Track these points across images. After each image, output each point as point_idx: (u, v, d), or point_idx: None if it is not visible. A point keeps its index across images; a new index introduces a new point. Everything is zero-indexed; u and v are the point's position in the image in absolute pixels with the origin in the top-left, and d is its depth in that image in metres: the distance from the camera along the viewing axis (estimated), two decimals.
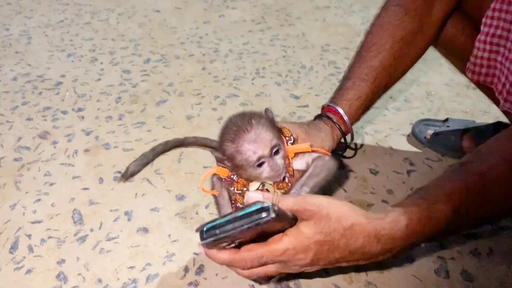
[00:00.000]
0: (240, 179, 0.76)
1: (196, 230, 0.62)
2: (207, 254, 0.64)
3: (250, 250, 0.61)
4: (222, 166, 0.75)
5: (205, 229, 0.60)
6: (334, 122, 0.95)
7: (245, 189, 0.78)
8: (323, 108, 0.99)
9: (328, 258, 0.62)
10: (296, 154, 0.77)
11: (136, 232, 0.99)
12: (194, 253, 0.93)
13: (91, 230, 0.99)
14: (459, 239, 0.95)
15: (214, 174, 0.79)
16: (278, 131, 0.75)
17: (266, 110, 0.75)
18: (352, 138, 1.00)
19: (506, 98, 0.91)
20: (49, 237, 0.97)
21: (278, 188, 0.76)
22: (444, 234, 0.67)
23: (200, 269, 0.90)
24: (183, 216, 1.02)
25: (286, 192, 0.75)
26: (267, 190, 0.77)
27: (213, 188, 0.80)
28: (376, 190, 1.09)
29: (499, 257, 0.92)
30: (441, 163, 1.18)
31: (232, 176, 0.76)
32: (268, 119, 0.73)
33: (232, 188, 0.78)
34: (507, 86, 0.90)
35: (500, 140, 0.73)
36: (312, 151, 0.77)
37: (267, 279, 0.82)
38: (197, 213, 1.03)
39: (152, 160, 1.18)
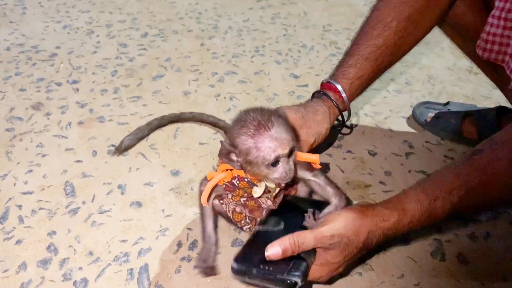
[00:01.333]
0: (240, 184, 0.75)
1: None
2: None
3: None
4: (225, 160, 0.73)
5: (237, 268, 0.70)
6: (332, 101, 0.93)
7: (242, 200, 0.77)
8: (322, 84, 0.97)
9: (354, 261, 0.74)
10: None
11: (129, 206, 0.97)
12: (188, 228, 0.92)
13: (83, 202, 0.97)
14: (457, 222, 0.94)
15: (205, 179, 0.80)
16: (290, 125, 0.74)
17: (278, 108, 0.76)
18: (349, 116, 0.99)
19: None
20: (40, 209, 0.95)
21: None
22: (440, 223, 0.75)
23: (193, 244, 0.89)
24: (177, 192, 1.01)
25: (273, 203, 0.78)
26: (268, 190, 0.77)
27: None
28: (374, 171, 1.07)
29: (496, 240, 0.91)
30: (441, 146, 1.16)
31: (234, 181, 0.75)
32: (286, 119, 0.72)
33: (230, 195, 0.77)
34: None
35: None
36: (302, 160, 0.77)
37: None
38: (191, 189, 1.01)
39: (148, 134, 1.16)
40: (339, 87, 0.94)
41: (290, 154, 0.70)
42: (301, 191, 0.85)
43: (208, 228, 0.83)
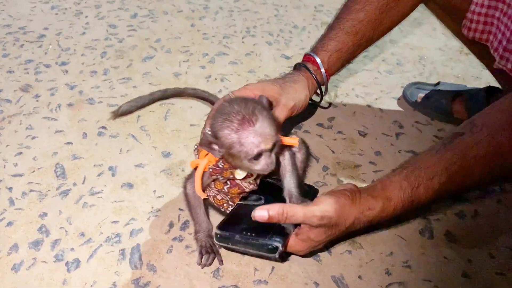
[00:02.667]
0: (225, 166, 0.75)
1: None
2: None
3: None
4: (206, 149, 0.73)
5: (221, 234, 0.75)
6: (310, 72, 0.95)
7: (226, 187, 0.78)
8: (304, 56, 0.99)
9: (332, 241, 0.78)
10: None
11: (121, 187, 0.97)
12: (179, 209, 0.92)
13: (74, 184, 0.97)
14: (445, 201, 0.96)
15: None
16: (274, 119, 0.73)
17: (261, 97, 0.74)
18: (326, 89, 1.01)
19: (502, 55, 0.89)
20: (31, 191, 0.95)
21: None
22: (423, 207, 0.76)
23: (185, 225, 0.89)
24: (168, 173, 1.01)
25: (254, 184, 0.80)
26: (250, 174, 0.78)
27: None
28: (364, 152, 1.08)
29: (484, 219, 0.93)
30: (430, 126, 1.17)
31: (219, 164, 0.76)
32: (270, 111, 0.72)
33: (220, 177, 0.77)
34: (504, 42, 0.88)
35: (494, 111, 0.76)
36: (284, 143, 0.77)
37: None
38: (183, 170, 1.01)
39: (148, 104, 1.18)
40: (318, 59, 0.97)
41: (273, 148, 0.71)
42: None
43: (200, 216, 0.82)
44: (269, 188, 0.84)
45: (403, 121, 1.18)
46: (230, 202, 0.82)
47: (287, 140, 0.77)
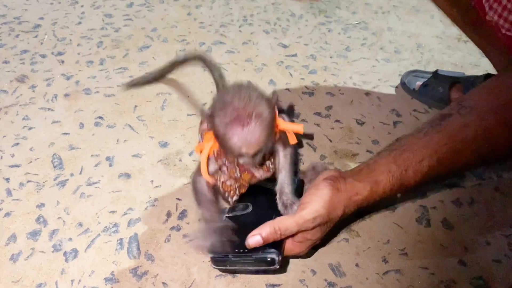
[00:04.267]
0: None
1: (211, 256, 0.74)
2: None
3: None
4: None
5: (215, 257, 0.73)
6: None
7: (237, 173, 0.77)
8: None
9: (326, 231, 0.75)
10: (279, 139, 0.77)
11: (118, 177, 0.97)
12: (177, 199, 0.92)
13: (71, 174, 0.97)
14: (442, 189, 0.96)
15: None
16: (273, 123, 0.71)
17: (274, 93, 0.73)
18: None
19: (491, 6, 0.87)
20: (28, 181, 0.95)
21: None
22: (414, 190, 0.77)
23: (182, 214, 0.89)
24: (166, 163, 1.01)
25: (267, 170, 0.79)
26: None
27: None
28: (362, 140, 1.08)
29: (480, 206, 0.93)
30: (428, 114, 1.17)
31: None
32: (269, 116, 0.69)
33: (226, 162, 0.76)
34: None
35: (482, 93, 0.75)
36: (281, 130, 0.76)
37: None
38: (180, 160, 1.01)
39: (158, 78, 1.23)
40: None
41: (256, 154, 0.70)
42: None
43: (211, 211, 0.78)
44: (259, 190, 0.81)
45: (400, 110, 1.17)
46: (237, 191, 0.81)
47: (291, 127, 0.76)
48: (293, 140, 0.77)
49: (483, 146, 0.70)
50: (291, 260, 0.82)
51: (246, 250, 0.70)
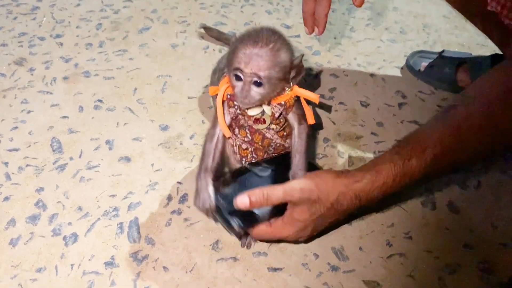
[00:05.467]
0: None
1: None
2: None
3: (260, 232, 0.73)
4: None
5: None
6: None
7: (248, 132, 0.76)
8: None
9: (324, 225, 0.73)
10: (293, 107, 0.75)
11: (118, 161, 0.95)
12: (178, 182, 0.91)
13: (71, 158, 0.95)
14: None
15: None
16: (283, 75, 0.70)
17: (301, 55, 0.73)
18: None
19: None
20: (27, 165, 0.94)
21: (275, 124, 0.76)
22: (419, 183, 0.71)
23: (183, 198, 0.88)
24: (166, 146, 0.99)
25: (281, 128, 0.77)
26: (263, 120, 0.75)
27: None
28: (366, 123, 1.06)
29: (487, 190, 0.91)
30: (434, 96, 1.14)
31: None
32: (284, 57, 0.69)
33: (236, 107, 0.75)
34: None
35: (487, 82, 0.72)
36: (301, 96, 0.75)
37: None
38: (181, 144, 1.00)
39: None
40: None
41: (258, 83, 0.68)
42: None
43: (207, 163, 0.76)
44: (282, 161, 0.80)
45: (406, 91, 1.15)
46: (253, 154, 0.80)
47: (305, 93, 0.74)
48: (311, 120, 0.76)
49: (490, 134, 0.68)
50: (293, 244, 0.80)
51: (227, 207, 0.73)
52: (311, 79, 1.18)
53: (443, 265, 0.79)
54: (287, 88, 0.73)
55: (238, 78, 0.69)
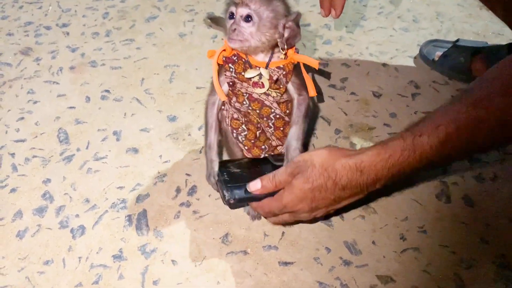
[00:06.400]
0: (239, 61, 0.73)
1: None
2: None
3: (262, 205, 0.71)
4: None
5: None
6: None
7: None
8: None
9: (325, 200, 0.67)
10: (292, 74, 0.73)
11: (125, 152, 0.94)
12: (186, 174, 0.89)
13: (78, 149, 0.94)
14: (463, 164, 0.91)
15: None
16: (275, 21, 0.69)
17: (298, 13, 0.70)
18: None
19: None
20: (34, 156, 0.92)
21: (273, 88, 0.74)
22: (432, 165, 0.65)
23: (192, 190, 0.86)
24: (174, 137, 0.97)
25: (280, 94, 0.75)
26: (262, 83, 0.73)
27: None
28: (378, 113, 1.03)
29: (503, 182, 0.89)
30: (448, 86, 1.11)
31: (232, 57, 0.73)
32: (278, 6, 0.69)
33: (231, 70, 0.74)
34: None
35: (507, 65, 0.67)
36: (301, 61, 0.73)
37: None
38: (189, 135, 0.98)
39: None
40: None
41: (248, 19, 0.68)
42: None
43: (210, 139, 0.79)
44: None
45: (419, 81, 1.12)
46: (244, 126, 0.79)
47: (306, 59, 0.72)
48: (312, 92, 0.74)
49: (509, 115, 0.62)
50: (304, 237, 0.79)
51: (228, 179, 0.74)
52: (322, 69, 1.15)
53: (458, 260, 0.76)
54: (281, 51, 0.71)
55: (231, 16, 0.69)
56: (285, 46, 0.70)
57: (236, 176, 0.74)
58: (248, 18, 0.68)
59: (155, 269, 0.75)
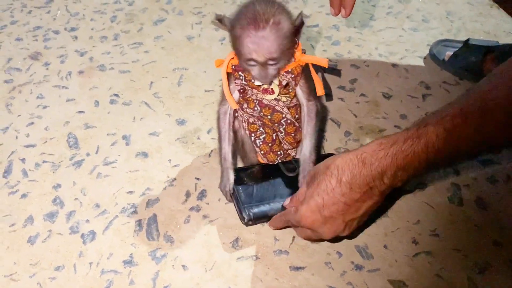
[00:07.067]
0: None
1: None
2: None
3: (276, 218, 0.75)
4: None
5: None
6: None
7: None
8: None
9: (336, 206, 0.64)
10: (301, 76, 0.73)
11: (135, 156, 0.94)
12: (196, 178, 0.89)
13: (88, 154, 0.94)
14: (476, 166, 0.90)
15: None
16: (291, 41, 0.68)
17: (300, 14, 0.69)
18: None
19: None
20: (44, 161, 0.93)
21: (283, 93, 0.74)
22: (440, 157, 0.61)
23: (202, 194, 0.86)
24: (184, 141, 0.97)
25: (289, 98, 0.75)
26: (272, 90, 0.73)
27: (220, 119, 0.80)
28: (389, 115, 1.02)
29: None
30: (459, 86, 1.10)
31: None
32: (287, 28, 0.66)
33: (241, 78, 0.74)
34: None
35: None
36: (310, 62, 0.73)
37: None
38: (198, 138, 0.97)
39: None
40: None
41: (267, 62, 0.68)
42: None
43: (225, 150, 0.79)
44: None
45: (430, 82, 1.11)
46: (261, 129, 0.79)
47: (314, 59, 0.72)
48: (320, 91, 0.74)
49: None
50: (315, 242, 0.78)
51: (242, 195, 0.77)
52: (331, 70, 1.14)
53: (472, 264, 0.75)
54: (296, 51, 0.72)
55: (253, 64, 0.69)
56: (297, 41, 0.71)
57: (251, 192, 0.78)
58: (273, 62, 0.68)
59: (165, 275, 0.74)
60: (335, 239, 0.74)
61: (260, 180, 0.80)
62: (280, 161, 0.82)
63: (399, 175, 0.62)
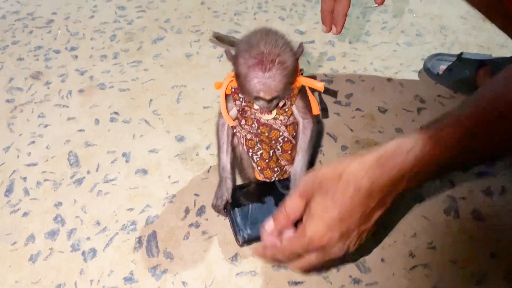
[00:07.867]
0: None
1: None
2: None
3: (283, 248, 0.61)
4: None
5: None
6: None
7: (254, 124, 0.76)
8: None
9: (353, 218, 0.57)
10: (297, 97, 0.75)
11: (135, 173, 0.95)
12: (195, 194, 0.90)
13: (88, 172, 0.95)
14: (471, 178, 0.91)
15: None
16: (295, 72, 0.71)
17: (300, 45, 0.71)
18: None
19: None
20: (45, 180, 0.94)
21: (281, 114, 0.76)
22: (457, 163, 0.57)
23: (201, 210, 0.87)
24: (183, 158, 0.98)
25: (287, 116, 0.77)
26: (269, 112, 0.75)
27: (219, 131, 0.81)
28: (385, 129, 1.04)
29: (511, 196, 0.89)
30: (454, 100, 1.11)
31: None
32: (292, 66, 0.68)
33: (241, 100, 0.76)
34: None
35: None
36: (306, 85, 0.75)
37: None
38: (197, 154, 0.99)
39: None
40: None
41: (272, 100, 0.70)
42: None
43: (223, 160, 0.81)
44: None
45: (424, 95, 1.12)
46: (259, 145, 0.80)
47: (311, 82, 0.73)
48: (316, 110, 0.75)
49: None
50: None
51: (237, 215, 0.80)
52: (327, 85, 1.16)
53: (469, 276, 0.76)
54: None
55: (257, 98, 0.70)
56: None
57: (246, 212, 0.80)
58: (278, 96, 0.70)
59: None
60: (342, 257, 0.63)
61: (256, 199, 0.81)
62: (276, 178, 0.84)
63: (414, 179, 0.57)
